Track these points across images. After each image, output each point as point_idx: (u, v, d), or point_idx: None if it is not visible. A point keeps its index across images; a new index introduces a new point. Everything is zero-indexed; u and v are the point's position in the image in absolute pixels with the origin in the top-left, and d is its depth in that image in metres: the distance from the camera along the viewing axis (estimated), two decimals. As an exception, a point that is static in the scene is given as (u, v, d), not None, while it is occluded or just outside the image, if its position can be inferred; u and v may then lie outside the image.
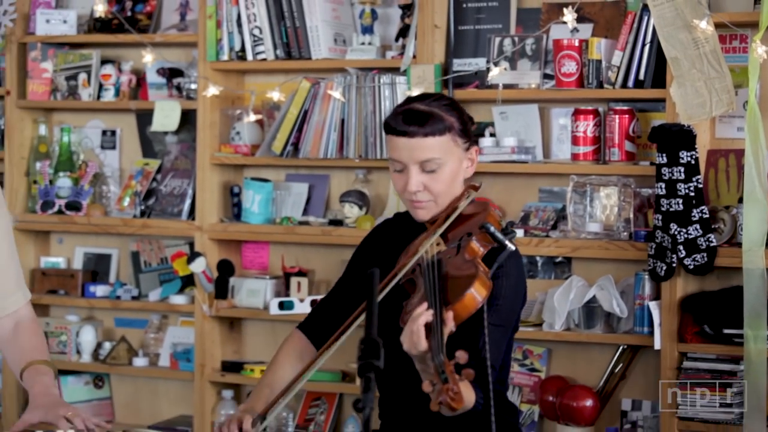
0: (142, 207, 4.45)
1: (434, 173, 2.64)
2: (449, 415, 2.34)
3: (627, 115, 3.72)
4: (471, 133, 2.71)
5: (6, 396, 4.53)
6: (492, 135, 3.88)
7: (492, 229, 2.48)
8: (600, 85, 3.72)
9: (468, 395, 2.42)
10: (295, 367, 2.74)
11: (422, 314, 2.38)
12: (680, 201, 3.50)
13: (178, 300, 4.36)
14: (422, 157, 2.62)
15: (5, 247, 2.75)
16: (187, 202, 4.37)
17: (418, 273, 2.53)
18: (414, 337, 2.37)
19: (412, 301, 2.49)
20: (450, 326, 2.40)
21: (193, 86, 4.32)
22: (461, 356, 2.24)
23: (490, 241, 2.51)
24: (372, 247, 2.83)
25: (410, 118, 2.63)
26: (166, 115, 4.34)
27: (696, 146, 3.52)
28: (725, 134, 3.68)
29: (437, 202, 2.66)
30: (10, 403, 4.54)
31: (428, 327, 2.37)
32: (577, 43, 3.74)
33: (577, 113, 3.76)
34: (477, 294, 2.42)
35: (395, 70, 4.00)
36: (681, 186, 3.50)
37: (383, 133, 3.99)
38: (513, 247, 2.50)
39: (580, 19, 3.72)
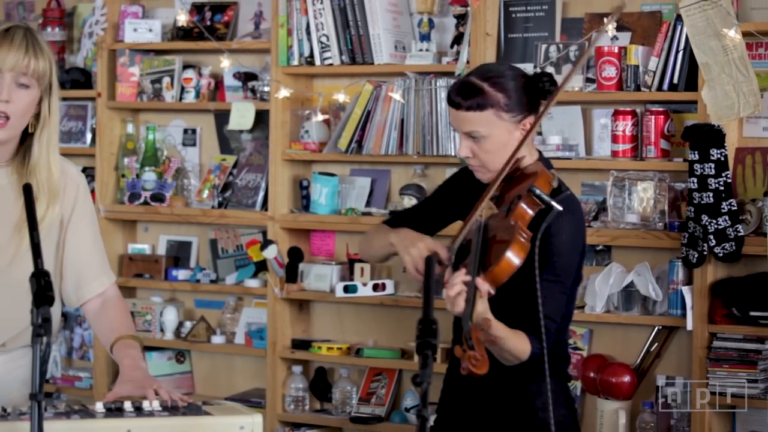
0: (220, 199, 4.47)
1: (479, 142, 2.64)
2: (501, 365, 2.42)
3: (662, 116, 3.72)
4: (524, 105, 2.63)
5: (96, 369, 4.60)
6: (539, 133, 3.79)
7: (538, 191, 2.48)
8: (638, 89, 3.73)
9: (520, 346, 2.50)
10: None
11: (457, 282, 2.42)
12: (711, 194, 3.53)
13: (252, 283, 4.38)
14: (465, 128, 2.64)
15: (90, 236, 2.76)
16: (261, 194, 4.38)
17: (473, 235, 2.54)
18: (450, 301, 2.42)
19: (465, 263, 2.50)
20: (485, 291, 2.42)
21: (266, 89, 4.32)
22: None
23: (539, 203, 2.50)
24: (459, 184, 2.83)
25: (460, 90, 2.64)
26: (241, 115, 4.35)
27: (725, 144, 3.53)
28: (752, 133, 3.67)
29: (487, 168, 2.66)
30: (101, 377, 4.59)
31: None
32: (616, 50, 3.74)
33: (616, 114, 3.78)
34: (513, 257, 2.42)
35: (450, 74, 4.00)
36: (711, 181, 3.53)
37: (439, 132, 4.01)
38: (560, 208, 2.48)
39: (619, 28, 3.76)
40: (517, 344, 2.52)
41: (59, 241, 2.69)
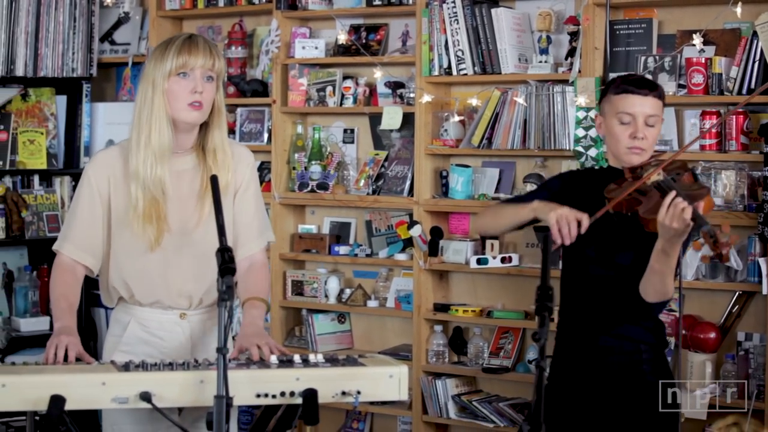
0: (374, 187, 4.77)
1: (652, 127, 2.88)
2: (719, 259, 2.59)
3: (742, 116, 3.94)
4: None
5: (273, 328, 4.88)
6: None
7: (698, 170, 2.75)
8: (721, 93, 3.96)
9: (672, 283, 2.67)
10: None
11: (678, 200, 2.59)
12: (783, 181, 3.79)
13: (401, 257, 4.69)
14: (650, 112, 2.87)
15: (253, 204, 2.95)
16: (407, 182, 4.65)
17: (647, 190, 2.70)
18: (677, 211, 2.57)
19: (647, 203, 2.65)
20: (701, 211, 2.58)
21: (411, 95, 4.61)
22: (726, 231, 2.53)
23: (693, 179, 2.75)
24: (568, 185, 3.03)
25: (643, 83, 2.91)
26: (391, 117, 4.64)
27: (795, 138, 3.77)
28: (817, 129, 3.86)
29: (647, 150, 2.89)
30: (275, 334, 4.86)
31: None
32: (703, 61, 3.99)
33: (703, 114, 4.01)
34: (711, 200, 2.66)
35: (565, 82, 4.26)
36: (783, 169, 3.80)
37: (556, 129, 4.26)
38: (708, 187, 2.75)
39: (705, 43, 3.99)
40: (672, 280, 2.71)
41: (232, 206, 2.94)
